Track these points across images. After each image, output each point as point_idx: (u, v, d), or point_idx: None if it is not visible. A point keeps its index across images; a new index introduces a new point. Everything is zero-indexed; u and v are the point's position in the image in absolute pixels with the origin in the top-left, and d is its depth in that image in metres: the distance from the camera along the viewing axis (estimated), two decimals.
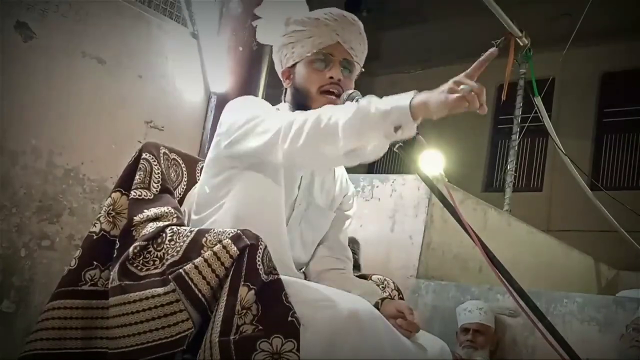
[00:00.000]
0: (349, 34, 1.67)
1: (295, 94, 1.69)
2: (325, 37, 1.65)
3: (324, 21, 1.65)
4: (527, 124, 4.91)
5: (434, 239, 3.33)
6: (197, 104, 3.60)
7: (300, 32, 1.67)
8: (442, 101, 1.29)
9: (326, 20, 1.65)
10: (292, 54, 1.68)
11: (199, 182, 1.73)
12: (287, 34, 1.69)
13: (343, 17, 1.67)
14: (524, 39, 4.46)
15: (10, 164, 2.78)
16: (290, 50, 1.68)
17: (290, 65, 1.70)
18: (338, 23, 1.66)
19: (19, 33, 2.82)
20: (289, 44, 1.69)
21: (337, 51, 1.66)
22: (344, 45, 1.66)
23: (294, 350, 1.26)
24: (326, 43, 1.65)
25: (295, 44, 1.67)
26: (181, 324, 1.35)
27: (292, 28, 1.68)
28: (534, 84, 4.65)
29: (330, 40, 1.65)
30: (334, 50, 1.65)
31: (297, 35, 1.67)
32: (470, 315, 2.92)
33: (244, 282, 1.33)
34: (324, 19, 1.66)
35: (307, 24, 1.66)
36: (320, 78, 1.64)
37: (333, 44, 1.65)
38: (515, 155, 4.81)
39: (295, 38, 1.67)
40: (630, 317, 2.56)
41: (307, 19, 1.67)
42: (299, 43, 1.66)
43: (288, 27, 1.69)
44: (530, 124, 4.98)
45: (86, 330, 1.51)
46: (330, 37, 1.65)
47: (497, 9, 4.15)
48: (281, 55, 1.72)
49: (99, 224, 1.59)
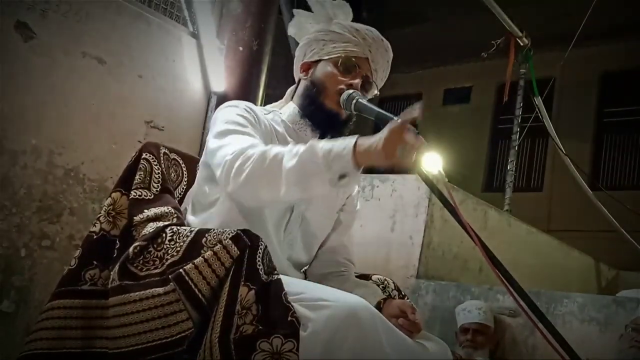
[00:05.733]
0: (379, 57, 1.72)
1: (310, 88, 1.70)
2: (360, 48, 1.69)
3: (363, 34, 1.70)
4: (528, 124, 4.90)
5: (434, 239, 3.33)
6: (197, 104, 3.60)
7: (338, 34, 1.70)
8: (381, 158, 1.31)
9: (365, 35, 1.70)
10: (320, 49, 1.71)
11: (195, 182, 1.73)
12: (324, 31, 1.72)
13: (380, 41, 1.72)
14: (524, 39, 4.46)
15: (10, 164, 2.78)
16: (320, 46, 1.71)
17: (314, 60, 1.72)
18: (374, 42, 1.71)
19: (19, 33, 2.81)
20: (321, 40, 1.71)
21: (363, 65, 1.69)
22: (371, 64, 1.70)
23: (293, 350, 1.26)
24: (357, 54, 1.69)
25: (327, 42, 1.70)
26: (181, 324, 1.35)
27: (332, 27, 1.72)
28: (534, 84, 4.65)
29: (362, 53, 1.69)
30: (361, 64, 1.69)
31: (333, 36, 1.70)
32: (470, 315, 2.92)
33: (244, 282, 1.33)
34: (363, 32, 1.71)
35: (347, 30, 1.70)
36: (341, 80, 1.67)
37: (363, 57, 1.69)
38: (515, 156, 4.80)
39: (330, 37, 1.71)
40: (630, 317, 2.56)
41: (350, 26, 1.72)
42: (333, 43, 1.70)
43: (328, 25, 1.73)
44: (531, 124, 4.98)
45: (86, 330, 1.50)
46: (363, 50, 1.69)
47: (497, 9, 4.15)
48: (307, 49, 1.74)
49: (99, 224, 1.59)
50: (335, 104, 1.65)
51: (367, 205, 3.38)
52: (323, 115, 1.67)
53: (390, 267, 3.27)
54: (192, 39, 3.59)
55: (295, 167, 1.37)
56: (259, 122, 1.63)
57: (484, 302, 2.99)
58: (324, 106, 1.66)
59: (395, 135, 1.29)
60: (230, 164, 1.44)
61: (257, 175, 1.41)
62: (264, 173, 1.40)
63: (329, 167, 1.34)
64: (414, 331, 1.50)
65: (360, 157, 1.33)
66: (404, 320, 1.50)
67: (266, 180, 1.41)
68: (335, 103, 1.65)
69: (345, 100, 1.62)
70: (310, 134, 1.69)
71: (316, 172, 1.35)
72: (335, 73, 1.67)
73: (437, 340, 1.59)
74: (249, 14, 3.59)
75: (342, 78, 1.66)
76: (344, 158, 1.33)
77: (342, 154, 1.33)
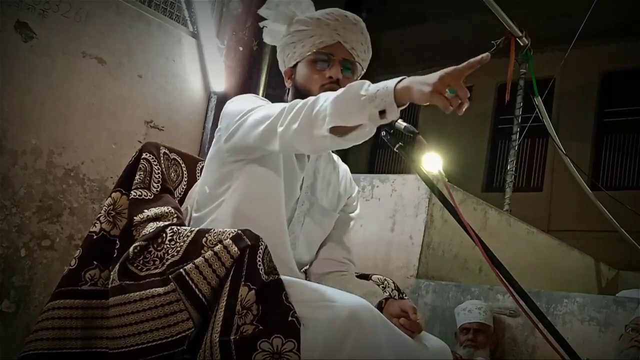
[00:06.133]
0: (350, 34, 1.67)
1: (296, 94, 1.68)
2: (326, 36, 1.65)
3: (324, 21, 1.65)
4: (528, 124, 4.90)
5: (434, 239, 3.33)
6: (197, 104, 3.60)
7: (301, 31, 1.67)
8: (425, 94, 1.28)
9: (327, 20, 1.65)
10: (293, 53, 1.69)
11: (200, 180, 1.73)
12: (290, 33, 1.69)
13: (344, 17, 1.67)
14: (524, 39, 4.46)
15: (10, 164, 2.78)
16: (292, 50, 1.69)
17: (292, 65, 1.71)
18: (339, 23, 1.66)
19: (19, 33, 2.81)
20: (291, 43, 1.69)
21: (338, 51, 1.66)
22: (345, 45, 1.66)
23: (294, 350, 1.26)
24: (327, 42, 1.65)
25: (296, 44, 1.68)
26: (181, 324, 1.35)
27: (294, 28, 1.69)
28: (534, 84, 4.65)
29: (331, 39, 1.65)
30: (335, 50, 1.65)
31: (299, 35, 1.67)
32: (470, 315, 2.92)
33: (245, 282, 1.33)
34: (325, 19, 1.66)
35: (309, 24, 1.66)
36: (320, 77, 1.64)
37: (334, 43, 1.65)
38: (515, 155, 4.81)
39: (297, 38, 1.68)
40: (630, 317, 2.56)
41: (309, 18, 1.67)
42: (300, 43, 1.67)
43: (291, 27, 1.70)
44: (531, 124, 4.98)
45: (86, 330, 1.50)
46: (331, 36, 1.65)
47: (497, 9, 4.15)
48: (284, 55, 1.73)
49: (99, 224, 1.59)
50: None
51: (367, 205, 3.38)
52: None
53: (390, 267, 3.27)
54: (192, 39, 3.59)
55: (341, 97, 1.36)
56: None
57: (484, 302, 2.99)
58: None
59: (453, 75, 1.27)
60: (286, 113, 1.43)
61: (311, 117, 1.39)
62: (315, 115, 1.38)
63: (370, 100, 1.32)
64: (414, 331, 1.50)
65: (402, 91, 1.31)
66: (405, 320, 1.50)
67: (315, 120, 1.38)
68: None
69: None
70: None
71: (359, 103, 1.33)
72: (313, 72, 1.65)
73: (437, 340, 1.59)
74: (249, 14, 3.59)
75: (319, 75, 1.64)
76: (385, 93, 1.31)
77: (384, 88, 1.32)
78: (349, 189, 1.83)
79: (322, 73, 1.65)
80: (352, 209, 1.84)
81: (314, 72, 1.66)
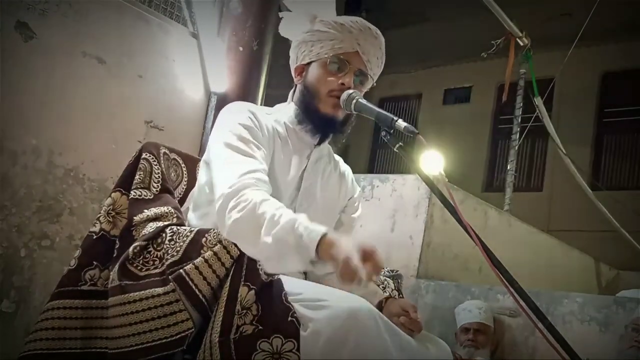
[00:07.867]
0: (369, 47, 1.67)
1: (304, 92, 1.68)
2: (347, 43, 1.65)
3: (348, 28, 1.65)
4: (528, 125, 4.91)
5: (434, 239, 3.33)
6: (197, 104, 3.59)
7: (323, 32, 1.67)
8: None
9: (350, 28, 1.66)
10: (309, 52, 1.68)
11: (197, 181, 1.73)
12: (310, 31, 1.69)
13: (368, 29, 1.67)
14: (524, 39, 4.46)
15: (10, 164, 2.78)
16: (309, 48, 1.68)
17: (306, 62, 1.70)
18: (361, 33, 1.66)
19: (19, 33, 2.81)
20: (309, 41, 1.68)
21: (354, 60, 1.66)
22: (362, 57, 1.66)
23: (294, 350, 1.26)
24: (345, 49, 1.65)
25: (315, 43, 1.67)
26: (181, 324, 1.35)
27: (316, 27, 1.68)
28: (534, 84, 4.65)
29: (351, 48, 1.65)
30: (352, 59, 1.65)
31: (319, 35, 1.67)
32: (470, 315, 2.92)
33: (244, 282, 1.33)
34: (348, 26, 1.66)
35: (332, 27, 1.66)
36: (332, 81, 1.64)
37: (352, 52, 1.65)
38: (515, 155, 4.81)
39: (317, 37, 1.67)
40: (630, 317, 2.56)
41: (333, 22, 1.67)
42: (320, 43, 1.67)
43: (313, 25, 1.69)
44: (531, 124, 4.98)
45: (86, 330, 1.51)
46: (351, 44, 1.65)
47: (497, 9, 4.15)
48: (299, 51, 1.72)
49: (99, 224, 1.59)
50: (330, 107, 1.63)
51: (367, 205, 3.37)
52: (320, 120, 1.66)
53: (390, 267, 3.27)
54: (192, 39, 3.59)
55: (271, 245, 1.33)
56: (261, 128, 1.61)
57: (484, 302, 2.99)
58: (319, 111, 1.64)
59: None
60: (224, 204, 1.41)
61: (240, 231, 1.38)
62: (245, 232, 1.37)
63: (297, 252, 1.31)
64: (415, 330, 1.50)
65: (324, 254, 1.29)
66: (405, 318, 1.50)
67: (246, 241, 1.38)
68: (330, 106, 1.63)
69: (345, 100, 1.61)
70: (310, 137, 1.69)
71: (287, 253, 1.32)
72: (326, 75, 1.65)
73: (437, 340, 1.59)
74: (249, 14, 3.59)
75: (333, 79, 1.64)
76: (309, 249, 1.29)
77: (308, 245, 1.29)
78: (350, 190, 1.83)
79: (335, 77, 1.64)
80: (353, 210, 1.84)
81: (327, 75, 1.65)
